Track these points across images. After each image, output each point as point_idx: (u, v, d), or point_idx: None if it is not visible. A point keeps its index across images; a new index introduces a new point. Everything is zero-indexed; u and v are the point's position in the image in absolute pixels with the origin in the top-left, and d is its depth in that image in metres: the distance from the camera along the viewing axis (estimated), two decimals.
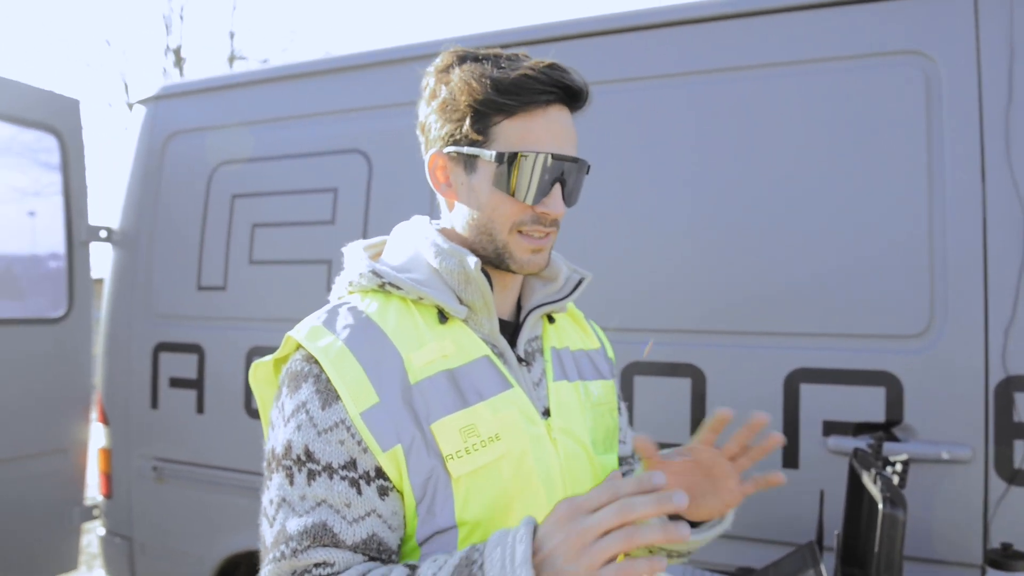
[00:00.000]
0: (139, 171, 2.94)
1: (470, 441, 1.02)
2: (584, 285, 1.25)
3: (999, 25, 1.80)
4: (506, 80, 1.04)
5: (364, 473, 0.99)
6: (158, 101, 2.97)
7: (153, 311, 2.84)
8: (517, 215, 1.07)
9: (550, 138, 1.05)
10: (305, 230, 2.58)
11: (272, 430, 1.08)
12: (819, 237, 1.92)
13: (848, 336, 1.89)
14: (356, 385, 1.01)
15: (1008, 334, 1.73)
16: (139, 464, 2.83)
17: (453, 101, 1.07)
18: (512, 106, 1.04)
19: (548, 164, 1.04)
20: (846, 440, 1.86)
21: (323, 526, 0.97)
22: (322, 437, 0.99)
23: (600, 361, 1.30)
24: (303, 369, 1.04)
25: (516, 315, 1.21)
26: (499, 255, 1.09)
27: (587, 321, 1.37)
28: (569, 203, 1.09)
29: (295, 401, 1.03)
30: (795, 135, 1.97)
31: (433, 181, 1.15)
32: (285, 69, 2.71)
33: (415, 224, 1.19)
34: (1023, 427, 1.71)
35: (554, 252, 1.27)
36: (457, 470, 1.01)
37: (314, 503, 0.98)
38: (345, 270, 1.18)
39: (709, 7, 2.09)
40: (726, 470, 1.14)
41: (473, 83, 1.05)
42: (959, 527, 1.76)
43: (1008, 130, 1.77)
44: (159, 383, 2.80)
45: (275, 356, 1.16)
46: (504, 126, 1.05)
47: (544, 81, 1.04)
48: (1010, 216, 1.75)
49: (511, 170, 1.04)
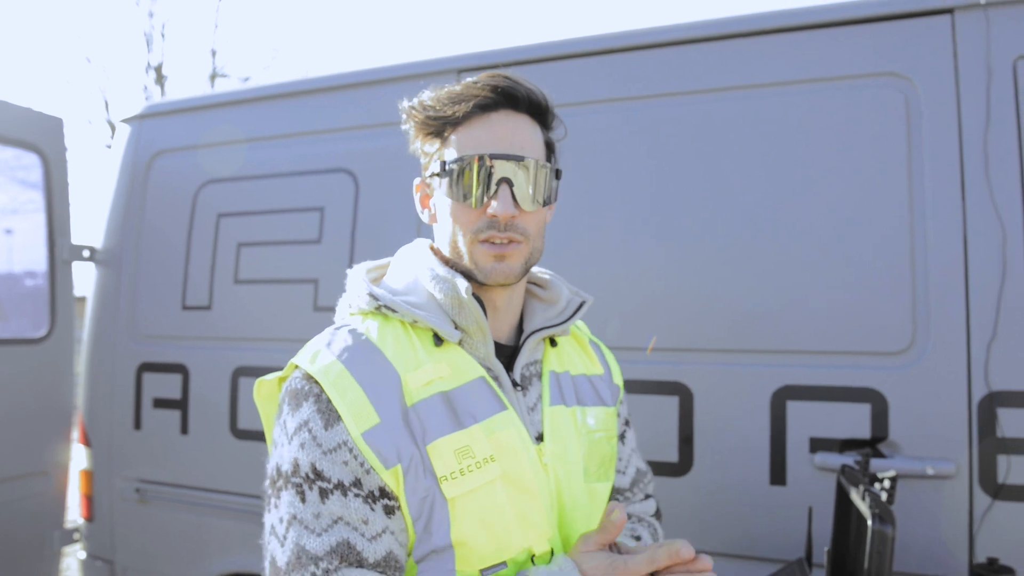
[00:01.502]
0: (123, 190, 2.92)
1: (465, 463, 1.03)
2: (586, 308, 1.26)
3: (976, 47, 1.84)
4: (444, 94, 1.10)
5: (370, 493, 1.00)
6: (143, 120, 2.96)
7: (137, 331, 2.82)
8: (472, 222, 1.09)
9: (491, 140, 1.08)
10: (291, 249, 2.58)
11: (275, 448, 1.08)
12: (803, 256, 1.95)
13: (833, 353, 1.91)
14: (357, 406, 1.01)
15: (990, 350, 1.76)
16: (121, 486, 2.79)
17: (411, 130, 1.15)
18: (451, 116, 1.09)
19: (485, 164, 1.07)
20: (833, 456, 1.87)
21: (347, 544, 0.97)
22: (327, 457, 1.00)
23: (603, 387, 1.30)
24: (303, 388, 1.05)
25: (516, 338, 1.22)
26: (468, 267, 1.11)
27: (595, 344, 1.36)
28: (527, 205, 1.09)
29: (297, 420, 1.03)
30: (779, 156, 2.00)
31: (419, 209, 1.21)
32: (272, 88, 2.71)
33: (416, 248, 1.21)
34: (1006, 442, 1.73)
35: (555, 276, 1.29)
36: (451, 491, 1.01)
37: (330, 521, 0.98)
38: (347, 292, 1.20)
39: (694, 29, 2.12)
40: None
41: (417, 106, 1.12)
42: (944, 542, 1.78)
43: (986, 150, 1.81)
44: (142, 404, 2.77)
45: (280, 375, 1.16)
46: (452, 138, 1.10)
47: (481, 87, 1.09)
48: (990, 234, 1.78)
49: (455, 176, 1.08)
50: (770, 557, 1.90)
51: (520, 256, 1.11)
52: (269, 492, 1.05)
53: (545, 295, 1.26)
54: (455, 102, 1.09)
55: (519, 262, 1.11)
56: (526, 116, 1.12)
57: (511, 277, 1.11)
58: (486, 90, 1.09)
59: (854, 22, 1.96)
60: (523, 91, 1.11)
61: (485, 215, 1.08)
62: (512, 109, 1.10)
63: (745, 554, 1.94)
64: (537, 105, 1.13)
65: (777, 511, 1.92)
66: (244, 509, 2.55)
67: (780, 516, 1.91)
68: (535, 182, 1.10)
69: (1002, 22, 1.83)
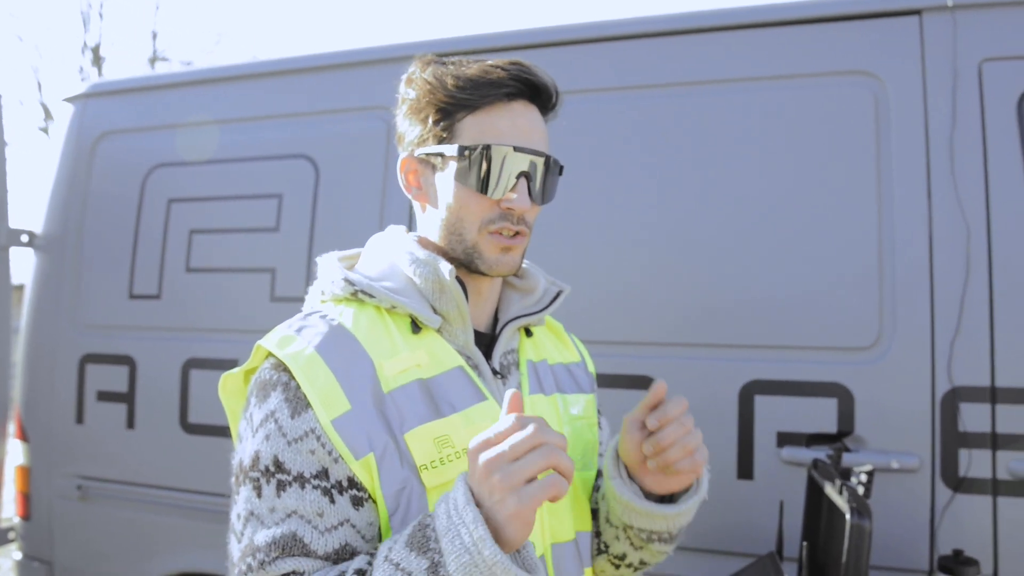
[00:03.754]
0: (66, 172, 2.78)
1: (445, 451, 1.00)
2: (562, 298, 1.24)
3: (943, 48, 1.87)
4: (467, 75, 1.05)
5: (336, 483, 0.96)
6: (88, 99, 2.82)
7: (80, 320, 2.68)
8: (485, 212, 1.06)
9: (513, 132, 1.05)
10: (247, 237, 2.49)
11: (240, 443, 1.04)
12: (772, 253, 1.96)
13: (801, 348, 1.92)
14: (327, 392, 0.98)
15: (953, 346, 1.79)
16: (62, 483, 2.66)
17: (418, 102, 1.09)
18: (473, 100, 1.05)
19: (510, 156, 1.04)
20: (800, 451, 1.89)
21: (292, 536, 0.94)
22: (292, 447, 0.96)
23: (580, 374, 1.29)
24: (272, 377, 1.01)
25: (493, 327, 1.19)
26: (468, 256, 1.08)
27: (567, 334, 1.35)
28: (539, 201, 1.08)
29: (263, 411, 1.00)
30: (749, 151, 2.00)
31: (404, 186, 1.15)
32: (228, 70, 2.61)
33: (391, 234, 1.18)
34: (968, 436, 1.77)
35: (532, 264, 1.26)
36: (432, 480, 0.98)
37: (284, 514, 0.95)
38: (318, 279, 1.17)
39: (667, 22, 2.11)
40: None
41: (435, 81, 1.06)
42: (908, 535, 1.81)
43: (952, 149, 1.84)
44: (85, 397, 2.64)
45: (245, 367, 1.12)
46: (468, 122, 1.06)
47: (505, 75, 1.05)
48: (955, 233, 1.82)
49: (474, 164, 1.04)
50: (738, 551, 1.90)
51: (522, 249, 1.10)
52: (233, 488, 1.02)
53: (522, 284, 1.24)
54: (478, 86, 1.04)
55: (521, 254, 1.11)
56: (537, 107, 1.10)
57: (514, 269, 1.10)
58: (512, 79, 1.05)
59: (826, 20, 1.97)
60: (544, 84, 1.08)
61: (498, 206, 1.06)
62: (529, 100, 1.08)
63: (713, 548, 1.94)
64: (551, 99, 1.11)
65: (744, 505, 1.93)
66: (194, 506, 2.45)
67: (747, 510, 1.92)
68: (547, 178, 1.09)
69: (969, 24, 1.86)
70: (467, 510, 0.82)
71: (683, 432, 1.03)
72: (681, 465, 1.05)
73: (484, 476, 0.83)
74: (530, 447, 0.82)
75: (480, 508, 0.83)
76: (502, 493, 0.82)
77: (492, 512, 0.83)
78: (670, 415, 1.04)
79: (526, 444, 0.82)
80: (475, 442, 0.86)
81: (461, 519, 0.82)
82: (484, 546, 0.81)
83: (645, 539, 1.17)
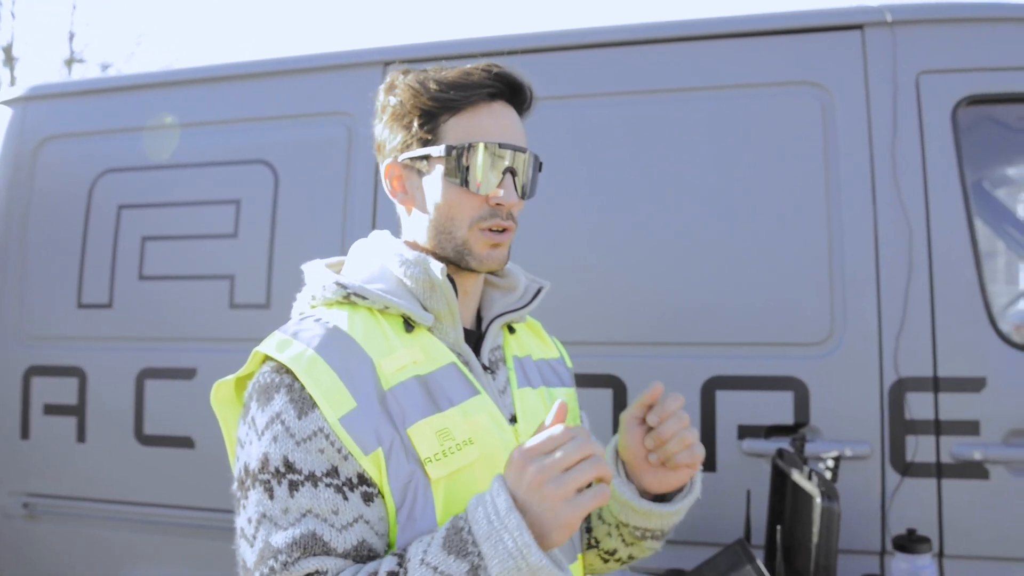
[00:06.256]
0: (5, 179, 2.68)
1: (446, 444, 1.03)
2: (543, 294, 1.28)
3: (884, 61, 2.00)
4: (449, 79, 1.10)
5: (347, 480, 0.98)
6: (27, 102, 2.73)
7: (24, 332, 2.58)
8: (475, 209, 1.10)
9: (497, 129, 1.10)
10: (204, 243, 2.45)
11: (241, 448, 1.04)
12: (729, 254, 2.04)
13: (759, 345, 2.01)
14: (332, 391, 0.99)
15: (899, 340, 1.91)
16: (6, 501, 2.55)
17: (401, 107, 1.12)
18: (456, 101, 1.09)
19: (496, 153, 1.08)
20: (759, 442, 1.98)
21: (312, 536, 0.95)
22: (301, 447, 0.97)
23: (561, 369, 1.34)
24: (273, 380, 1.02)
25: (477, 326, 1.23)
26: (459, 253, 1.12)
27: (545, 332, 1.39)
28: (524, 195, 1.13)
29: (268, 414, 1.00)
30: (705, 157, 2.09)
31: (390, 191, 1.18)
32: (184, 73, 2.57)
33: (377, 239, 1.20)
34: (914, 423, 1.89)
35: (512, 263, 1.30)
36: (436, 472, 1.01)
37: (299, 514, 0.96)
38: (307, 285, 1.18)
39: (624, 32, 2.19)
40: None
41: (418, 86, 1.10)
42: (861, 517, 1.91)
43: (894, 155, 1.96)
44: (31, 410, 2.55)
45: (238, 374, 1.12)
46: (451, 124, 1.09)
47: (486, 76, 1.10)
48: (898, 234, 1.94)
49: (462, 161, 1.08)
50: (704, 541, 1.97)
51: (509, 244, 1.15)
52: (238, 494, 1.02)
53: (502, 282, 1.28)
54: (461, 88, 1.08)
55: (508, 249, 1.15)
56: (514, 107, 1.14)
57: (503, 263, 1.14)
58: (493, 79, 1.09)
59: (775, 33, 2.08)
60: (522, 84, 1.13)
61: (488, 203, 1.10)
62: (508, 100, 1.12)
63: (680, 539, 2.00)
64: (527, 99, 1.15)
65: (708, 496, 1.99)
66: (152, 520, 2.39)
67: (711, 501, 1.98)
68: (529, 174, 1.13)
69: (907, 39, 1.99)
70: (510, 516, 0.86)
71: (682, 426, 1.09)
72: (680, 458, 1.10)
73: (536, 484, 0.87)
74: (580, 458, 0.87)
75: (523, 514, 0.87)
76: (553, 502, 0.86)
77: (539, 518, 0.87)
78: (669, 410, 1.09)
79: (577, 455, 0.86)
80: (522, 450, 0.89)
81: (504, 525, 0.86)
82: (530, 552, 0.85)
83: (639, 536, 1.22)
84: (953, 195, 1.93)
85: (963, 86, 1.95)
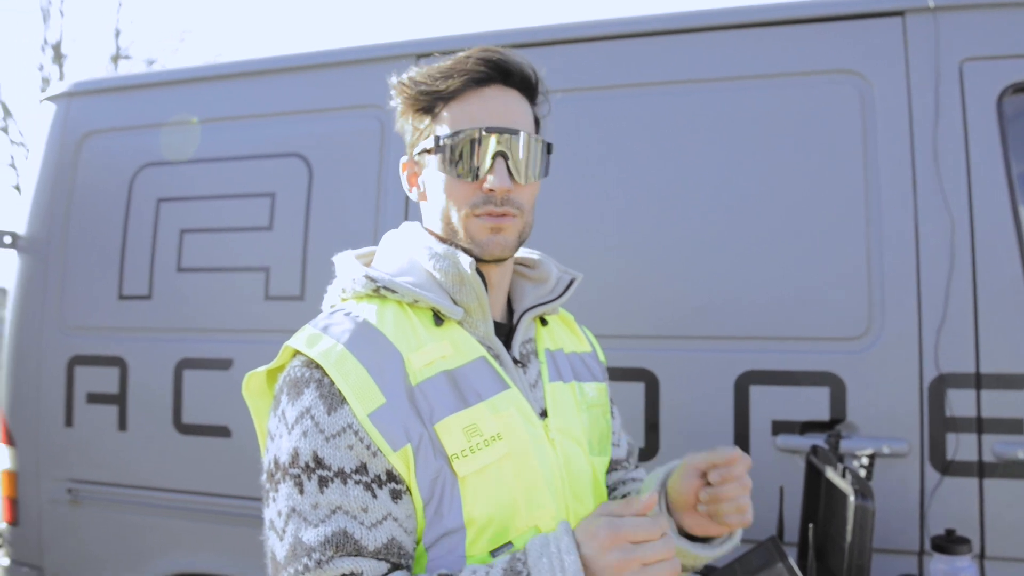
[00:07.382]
0: (49, 173, 2.74)
1: (474, 440, 1.03)
2: (575, 286, 1.27)
3: (926, 48, 1.94)
4: (437, 69, 1.10)
5: (376, 477, 0.98)
6: (71, 98, 2.79)
7: (67, 322, 2.65)
8: (468, 197, 1.09)
9: (485, 114, 1.08)
10: (240, 236, 2.48)
11: (272, 441, 1.04)
12: (765, 247, 2.01)
13: (794, 339, 1.98)
14: (361, 387, 0.99)
15: (940, 335, 1.86)
16: (51, 487, 2.63)
17: (401, 105, 1.14)
18: (445, 90, 1.08)
19: (482, 138, 1.07)
20: (794, 438, 1.94)
21: (343, 534, 0.95)
22: (331, 443, 0.98)
23: (593, 363, 1.33)
24: (304, 375, 1.02)
25: (508, 318, 1.22)
26: (464, 244, 1.11)
27: (578, 325, 1.38)
28: (521, 179, 1.10)
29: (298, 408, 1.00)
30: (741, 148, 2.06)
31: (406, 187, 1.19)
32: (220, 68, 2.60)
33: (407, 230, 1.20)
34: (955, 421, 1.84)
35: (543, 254, 1.29)
36: (463, 469, 1.01)
37: (328, 511, 0.96)
38: (337, 278, 1.18)
39: (656, 22, 2.16)
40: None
41: (408, 82, 1.11)
42: (899, 517, 1.87)
43: (936, 146, 1.91)
44: (74, 399, 2.62)
45: (270, 366, 1.13)
46: (444, 114, 1.10)
47: (473, 62, 1.09)
48: (940, 226, 1.89)
49: (449, 151, 1.07)
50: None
51: (515, 229, 1.12)
52: (267, 486, 1.03)
53: (534, 274, 1.27)
54: (447, 76, 1.08)
55: (514, 235, 1.12)
56: (516, 91, 1.13)
57: (507, 250, 1.12)
58: (479, 64, 1.08)
59: (813, 20, 2.03)
60: (515, 65, 1.11)
61: (480, 190, 1.09)
62: (504, 84, 1.11)
63: None
64: (527, 80, 1.14)
65: None
66: (190, 507, 2.44)
67: None
68: (529, 156, 1.10)
69: (950, 25, 1.93)
70: None
71: (741, 492, 1.10)
72: (731, 519, 1.11)
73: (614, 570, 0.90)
74: (660, 559, 0.91)
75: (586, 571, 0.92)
76: None
77: None
78: (734, 474, 1.09)
79: (660, 555, 0.90)
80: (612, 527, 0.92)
81: None
82: None
83: None
84: (997, 186, 1.87)
85: (1008, 74, 1.89)
